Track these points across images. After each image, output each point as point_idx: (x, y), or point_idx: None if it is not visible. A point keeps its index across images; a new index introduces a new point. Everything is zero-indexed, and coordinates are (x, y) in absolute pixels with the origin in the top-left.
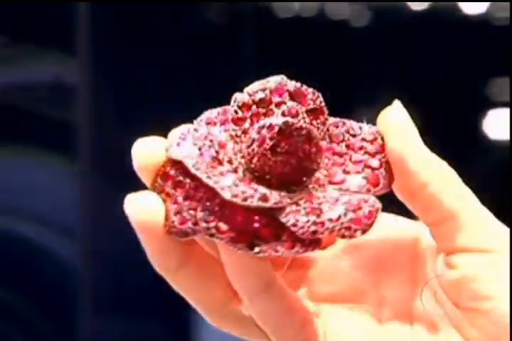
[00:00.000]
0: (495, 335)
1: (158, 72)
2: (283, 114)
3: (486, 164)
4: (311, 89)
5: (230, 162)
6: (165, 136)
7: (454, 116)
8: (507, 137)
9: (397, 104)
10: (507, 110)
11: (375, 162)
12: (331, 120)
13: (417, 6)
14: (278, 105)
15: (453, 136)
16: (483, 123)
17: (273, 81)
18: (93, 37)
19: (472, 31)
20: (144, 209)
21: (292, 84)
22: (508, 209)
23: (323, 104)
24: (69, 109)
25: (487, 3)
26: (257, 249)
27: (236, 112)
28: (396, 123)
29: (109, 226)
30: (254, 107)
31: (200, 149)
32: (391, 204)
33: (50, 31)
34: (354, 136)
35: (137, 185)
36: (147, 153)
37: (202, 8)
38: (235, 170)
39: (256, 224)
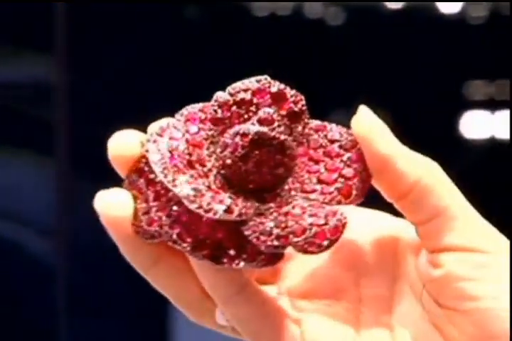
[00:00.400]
0: (475, 336)
1: (137, 72)
2: (259, 121)
3: (462, 164)
4: (293, 92)
5: (202, 164)
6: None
7: (430, 116)
8: (483, 137)
9: (364, 109)
10: (483, 111)
11: (349, 172)
12: (313, 123)
13: (393, 5)
14: (258, 107)
15: (429, 137)
16: (460, 123)
17: (256, 81)
18: (71, 36)
19: (448, 30)
20: (112, 206)
21: (275, 86)
22: (486, 209)
23: (304, 107)
24: (47, 109)
25: (462, 3)
26: (218, 261)
27: (216, 111)
28: (373, 128)
29: (88, 226)
30: (234, 107)
31: (172, 152)
32: (375, 200)
33: (27, 31)
34: (333, 142)
35: (116, 185)
36: (122, 145)
37: (181, 7)
38: (206, 174)
39: (219, 235)
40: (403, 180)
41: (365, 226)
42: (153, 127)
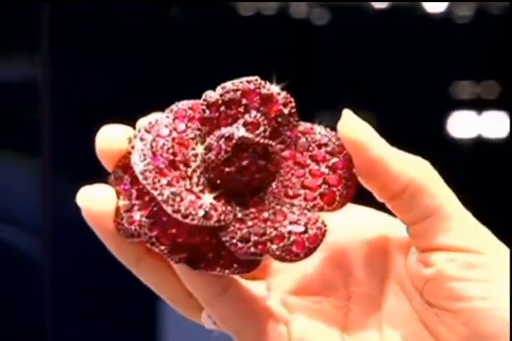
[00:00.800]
0: (466, 336)
1: (122, 71)
2: (244, 125)
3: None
4: (283, 94)
5: (187, 164)
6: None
7: (417, 116)
8: (470, 136)
9: (348, 113)
10: (470, 111)
11: (334, 178)
12: (302, 126)
13: (379, 5)
14: (247, 108)
15: (417, 137)
16: (447, 123)
17: (246, 82)
18: (56, 35)
19: (434, 30)
20: (95, 201)
21: (265, 87)
22: (474, 208)
23: (294, 109)
24: (32, 109)
25: (447, 2)
26: (195, 265)
27: (204, 111)
28: (360, 132)
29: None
30: (223, 108)
31: (155, 152)
32: (365, 198)
33: (13, 30)
34: (320, 146)
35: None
36: (110, 139)
37: (166, 7)
38: (190, 175)
39: (197, 239)
40: (396, 180)
41: (355, 223)
42: (142, 122)
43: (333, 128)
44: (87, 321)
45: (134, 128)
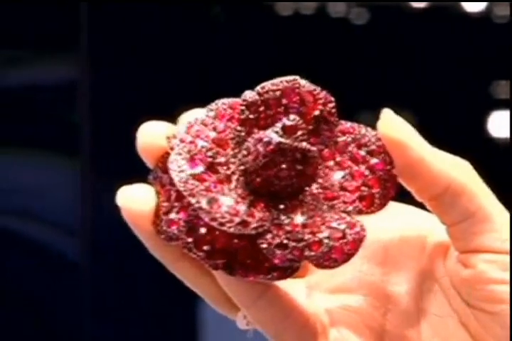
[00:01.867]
0: (502, 338)
1: (163, 71)
2: (282, 128)
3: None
4: (323, 93)
5: (226, 166)
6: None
7: (456, 116)
8: (509, 136)
9: (389, 112)
10: (509, 111)
11: (373, 179)
12: (341, 125)
13: (417, 4)
14: (287, 108)
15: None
16: (487, 123)
17: (285, 82)
18: (95, 36)
19: (473, 29)
20: (134, 200)
21: (305, 87)
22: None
23: (334, 109)
24: (70, 109)
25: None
26: (232, 271)
27: (243, 111)
28: (401, 132)
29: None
30: (262, 108)
31: (193, 156)
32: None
33: (52, 32)
34: (360, 146)
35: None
36: (150, 136)
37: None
38: (228, 178)
39: (235, 246)
40: (436, 181)
41: (396, 222)
42: (184, 118)
43: (373, 128)
44: (125, 321)
45: (175, 124)
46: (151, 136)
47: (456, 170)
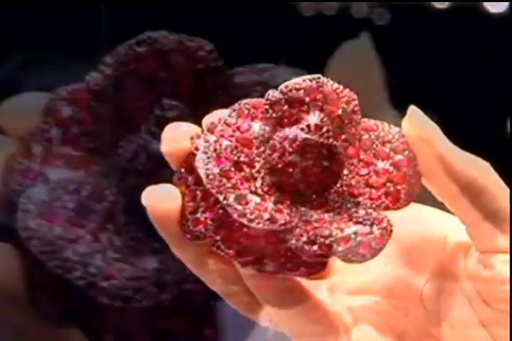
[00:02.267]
0: None
1: None
2: (308, 125)
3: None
4: (347, 91)
5: (251, 165)
6: None
7: (479, 117)
8: None
9: (415, 110)
10: None
11: (398, 176)
12: (365, 123)
13: (440, 5)
14: (310, 106)
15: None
16: (509, 125)
17: (308, 80)
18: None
19: (495, 29)
20: (161, 200)
21: (328, 85)
22: None
23: (357, 107)
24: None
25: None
26: (261, 268)
27: (267, 110)
28: (425, 130)
29: None
30: (285, 107)
31: (219, 154)
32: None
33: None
34: (384, 143)
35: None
36: (175, 138)
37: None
38: (254, 177)
39: (263, 242)
40: (456, 181)
41: (418, 223)
42: (207, 120)
43: (397, 126)
44: None
45: (200, 126)
46: (176, 137)
47: (477, 170)
